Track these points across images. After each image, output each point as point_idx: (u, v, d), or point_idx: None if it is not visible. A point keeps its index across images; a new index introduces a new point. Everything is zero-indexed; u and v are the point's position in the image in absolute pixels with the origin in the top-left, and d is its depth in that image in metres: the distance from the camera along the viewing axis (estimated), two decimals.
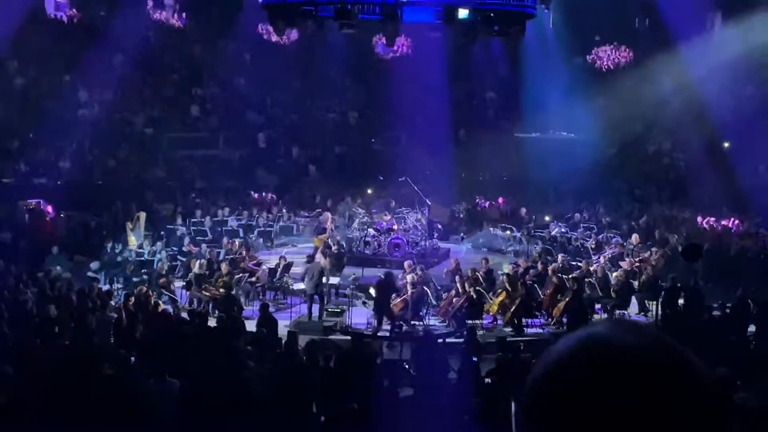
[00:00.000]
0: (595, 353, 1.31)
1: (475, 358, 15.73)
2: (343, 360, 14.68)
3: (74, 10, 36.63)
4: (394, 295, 19.41)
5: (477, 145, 36.24)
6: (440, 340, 17.73)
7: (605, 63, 37.78)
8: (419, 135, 34.97)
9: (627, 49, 37.46)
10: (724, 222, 28.72)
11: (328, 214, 27.75)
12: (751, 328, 18.77)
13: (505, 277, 20.61)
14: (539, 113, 36.23)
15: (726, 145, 35.11)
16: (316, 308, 20.05)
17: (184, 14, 38.62)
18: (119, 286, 21.55)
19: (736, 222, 28.60)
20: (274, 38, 33.59)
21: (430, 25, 25.28)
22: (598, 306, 20.69)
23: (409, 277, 19.85)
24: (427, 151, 34.77)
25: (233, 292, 19.96)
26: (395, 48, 36.49)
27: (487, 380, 14.33)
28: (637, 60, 36.41)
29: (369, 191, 32.89)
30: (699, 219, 29.44)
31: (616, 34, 39.26)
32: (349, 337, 17.62)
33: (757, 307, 19.28)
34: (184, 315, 18.20)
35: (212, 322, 17.64)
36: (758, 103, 34.37)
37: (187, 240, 24.49)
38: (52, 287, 19.33)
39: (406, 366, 16.05)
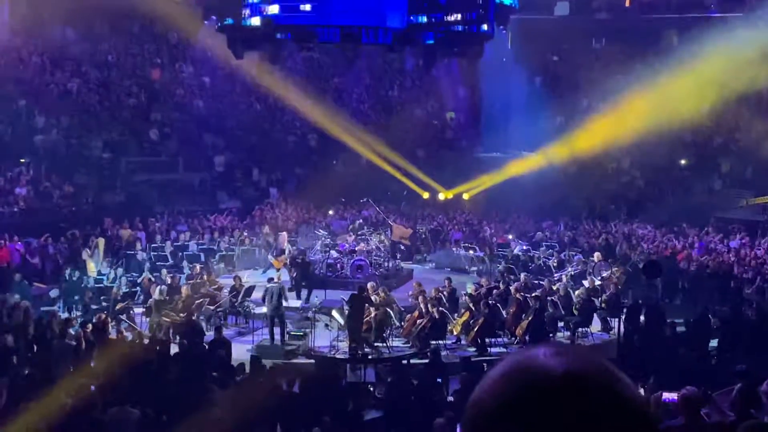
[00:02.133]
0: (521, 377, 1.34)
1: (439, 379, 15.74)
2: (307, 384, 14.60)
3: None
4: (367, 305, 19.34)
5: (437, 165, 36.46)
6: (404, 361, 17.70)
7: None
8: (380, 156, 35.10)
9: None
10: (682, 238, 29.08)
11: (284, 234, 27.67)
12: (713, 343, 19.00)
13: (467, 297, 20.64)
14: (499, 133, 36.58)
15: (683, 162, 35.66)
16: (278, 331, 19.94)
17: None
18: (78, 313, 21.24)
19: (695, 237, 28.97)
20: (233, 61, 33.59)
21: (388, 46, 25.49)
22: (561, 324, 20.81)
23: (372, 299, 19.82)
24: (388, 174, 34.94)
25: (194, 317, 19.78)
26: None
27: (451, 399, 14.33)
28: (594, 79, 36.92)
29: (330, 212, 32.88)
30: (658, 235, 29.78)
31: (573, 55, 39.83)
32: (311, 360, 17.53)
33: (718, 322, 19.52)
34: (145, 341, 17.97)
35: (174, 349, 17.45)
36: (713, 121, 34.95)
37: (146, 267, 24.22)
38: (9, 316, 19.01)
39: (371, 388, 16.01)
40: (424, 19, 22.88)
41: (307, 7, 21.50)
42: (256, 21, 22.09)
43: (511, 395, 1.32)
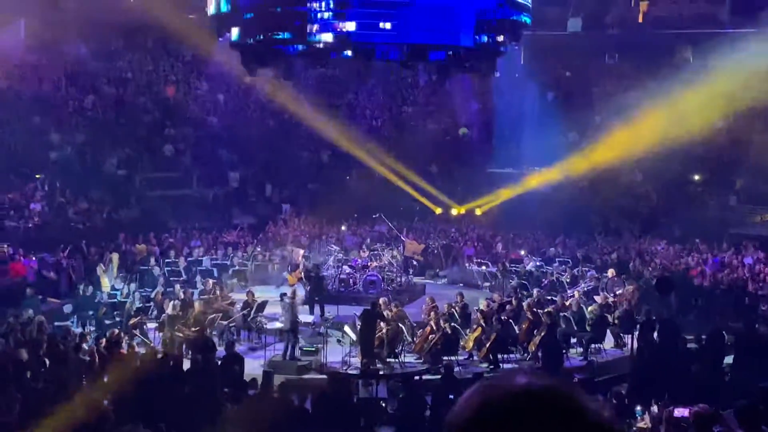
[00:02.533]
0: (487, 394, 1.46)
1: (451, 395, 15.72)
2: (319, 399, 14.61)
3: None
4: (383, 324, 19.35)
5: (449, 181, 36.49)
6: (416, 377, 17.70)
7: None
8: (393, 171, 35.16)
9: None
10: (695, 254, 28.98)
11: (299, 250, 27.73)
12: (727, 360, 18.89)
13: (479, 312, 20.63)
14: (512, 148, 36.59)
15: (696, 177, 35.55)
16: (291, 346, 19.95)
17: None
18: (92, 329, 21.33)
19: (708, 254, 28.86)
20: (247, 78, 33.76)
21: (402, 62, 25.52)
22: (573, 340, 20.76)
23: (385, 314, 19.83)
24: (399, 189, 34.96)
25: (207, 333, 19.83)
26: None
27: None
28: (607, 94, 36.89)
29: (343, 228, 32.93)
30: (671, 251, 29.70)
31: (585, 70, 39.83)
32: (324, 376, 17.54)
33: (732, 339, 19.42)
34: (158, 357, 18.02)
35: (186, 364, 17.51)
36: (727, 136, 34.87)
37: (160, 282, 24.29)
38: (23, 331, 19.11)
39: (383, 404, 16.01)
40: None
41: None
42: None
43: (477, 412, 1.44)
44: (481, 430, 1.41)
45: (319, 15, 21.40)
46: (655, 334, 19.93)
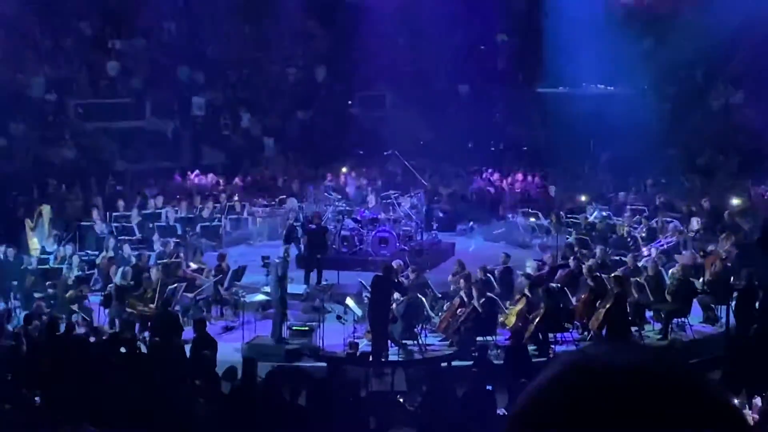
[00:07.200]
0: (576, 380, 1.44)
1: (489, 387, 15.87)
2: (317, 394, 14.78)
3: None
4: (397, 295, 19.47)
5: (486, 105, 36.33)
6: (443, 364, 17.85)
7: None
8: (409, 94, 35.02)
9: None
10: None
11: (294, 200, 27.82)
12: None
13: (525, 278, 20.72)
14: (567, 61, 36.25)
15: None
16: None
17: None
18: (17, 304, 21.53)
19: None
20: None
21: None
22: (649, 313, 20.86)
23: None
24: (420, 115, 34.84)
25: (169, 309, 20.00)
26: None
27: (504, 413, 14.47)
28: None
29: (344, 170, 32.95)
30: None
31: None
32: (322, 363, 17.71)
33: None
34: (105, 340, 18.22)
35: (142, 349, 17.67)
36: None
37: (106, 244, 24.40)
38: None
39: (400, 399, 16.18)
40: None
41: None
42: None
43: (567, 402, 1.42)
44: (581, 423, 1.40)
45: None
46: (757, 305, 19.99)
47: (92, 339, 18.78)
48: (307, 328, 19.94)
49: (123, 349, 17.02)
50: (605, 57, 34.79)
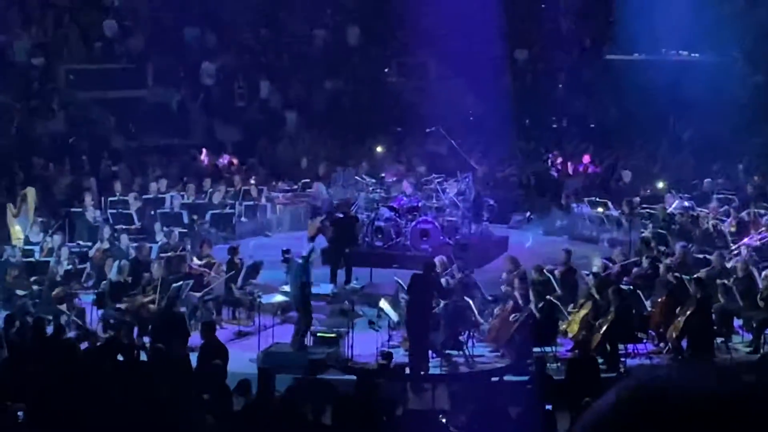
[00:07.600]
0: (645, 406, 1.43)
1: (549, 406, 15.83)
2: (344, 411, 14.79)
3: None
4: (436, 293, 19.45)
5: (547, 75, 36.21)
6: (494, 379, 17.82)
7: None
8: (456, 62, 34.94)
9: None
10: None
11: (321, 186, 27.85)
12: None
13: (592, 279, 20.65)
14: (643, 24, 36.04)
15: None
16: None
17: None
18: None
19: None
20: None
21: None
22: (738, 322, 20.74)
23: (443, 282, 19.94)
24: (469, 86, 34.76)
25: (173, 310, 20.05)
26: None
27: None
28: None
29: (380, 149, 32.96)
30: None
31: None
32: (351, 377, 17.71)
33: None
34: (98, 345, 18.30)
35: (142, 357, 17.74)
36: None
37: (101, 233, 24.50)
38: None
39: (443, 419, 16.17)
40: None
41: None
42: None
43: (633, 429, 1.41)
44: None
45: None
46: None
47: (84, 344, 18.90)
48: (333, 335, 19.98)
49: (119, 357, 17.10)
50: (688, 18, 34.55)
